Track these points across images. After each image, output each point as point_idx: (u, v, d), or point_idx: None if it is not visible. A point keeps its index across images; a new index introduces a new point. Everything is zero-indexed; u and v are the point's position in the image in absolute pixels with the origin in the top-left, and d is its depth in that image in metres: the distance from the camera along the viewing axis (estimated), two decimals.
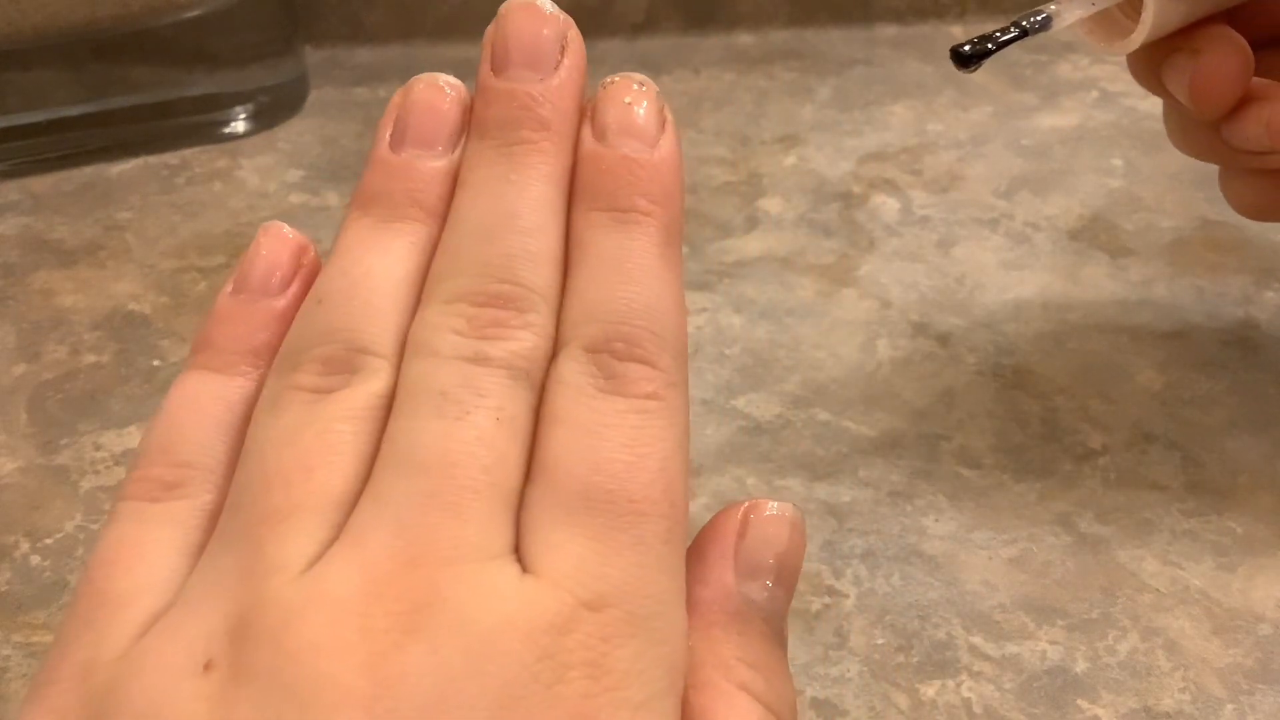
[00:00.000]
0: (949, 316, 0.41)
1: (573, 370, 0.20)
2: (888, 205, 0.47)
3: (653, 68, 0.58)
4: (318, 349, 0.21)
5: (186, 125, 0.52)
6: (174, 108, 0.51)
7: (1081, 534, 0.33)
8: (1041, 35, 0.29)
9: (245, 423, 0.21)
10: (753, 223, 0.46)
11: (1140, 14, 0.29)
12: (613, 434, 0.20)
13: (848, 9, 0.61)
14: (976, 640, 0.30)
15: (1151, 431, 0.36)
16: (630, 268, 0.21)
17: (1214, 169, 0.35)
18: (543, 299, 0.21)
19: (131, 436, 0.36)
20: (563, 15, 0.23)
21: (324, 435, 0.20)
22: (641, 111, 0.23)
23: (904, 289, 0.42)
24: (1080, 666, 0.29)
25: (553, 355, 0.21)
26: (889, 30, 0.61)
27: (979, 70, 0.29)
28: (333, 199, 0.48)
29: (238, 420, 0.22)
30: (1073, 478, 0.34)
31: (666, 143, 0.23)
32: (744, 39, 0.60)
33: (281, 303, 0.23)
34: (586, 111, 0.23)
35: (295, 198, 0.48)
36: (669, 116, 0.23)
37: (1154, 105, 0.54)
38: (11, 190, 0.49)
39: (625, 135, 0.22)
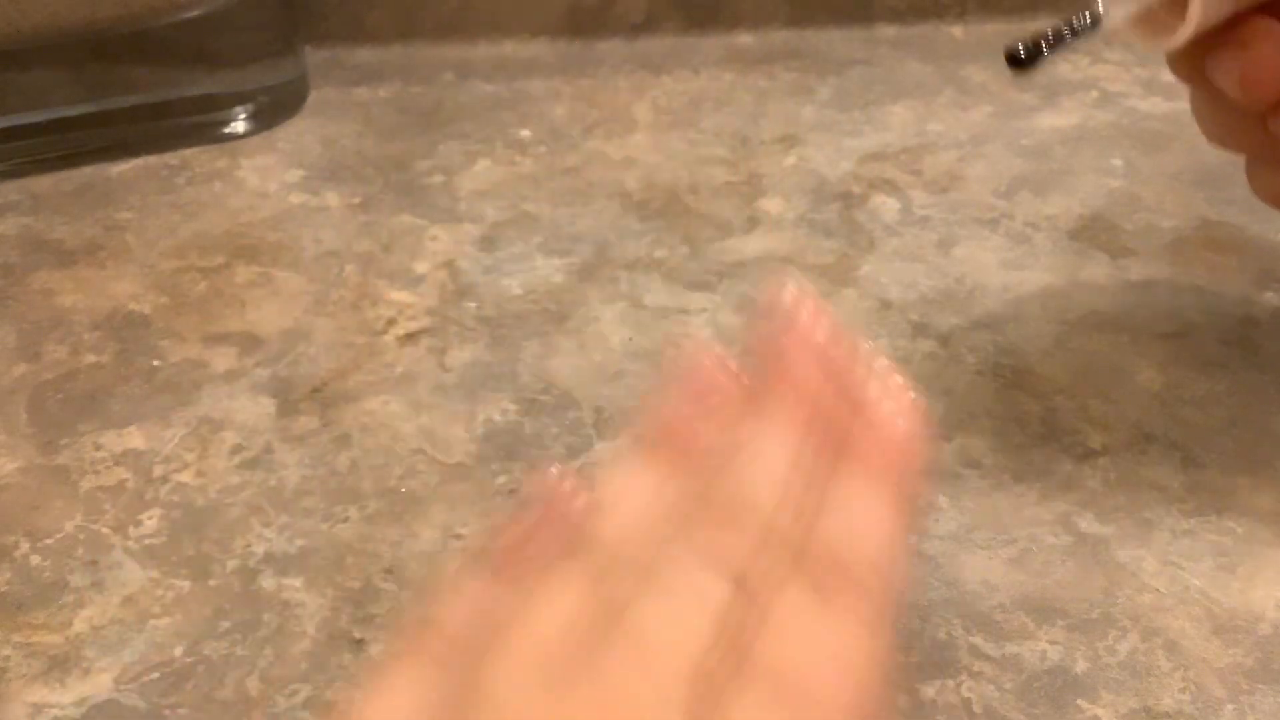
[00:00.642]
0: (949, 316, 0.41)
1: (794, 590, 0.23)
2: (888, 205, 0.47)
3: (653, 68, 0.58)
4: (585, 557, 0.24)
5: (186, 125, 0.52)
6: (174, 108, 0.51)
7: (1082, 534, 0.33)
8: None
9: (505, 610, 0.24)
10: (753, 223, 0.46)
11: (1184, 10, 0.29)
12: (823, 640, 0.23)
13: (848, 9, 0.61)
14: (976, 640, 0.30)
15: (1151, 431, 0.36)
16: (869, 516, 0.24)
17: (1213, 169, 0.35)
18: (780, 534, 0.24)
19: (131, 436, 0.36)
20: (841, 323, 0.27)
21: (576, 625, 0.23)
22: (898, 396, 0.26)
23: (904, 289, 0.42)
24: (1080, 666, 0.29)
25: (783, 581, 0.24)
26: (889, 30, 0.61)
27: (980, 70, 0.29)
28: (332, 199, 0.48)
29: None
30: (1073, 478, 0.34)
31: (915, 423, 0.26)
32: (744, 39, 0.60)
33: (563, 520, 0.26)
34: (853, 393, 0.27)
35: (295, 198, 0.48)
36: (919, 407, 0.27)
37: (1153, 105, 0.54)
38: (11, 190, 0.49)
39: (880, 414, 0.26)
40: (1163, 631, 0.30)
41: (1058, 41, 0.28)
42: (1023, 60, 0.28)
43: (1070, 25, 0.29)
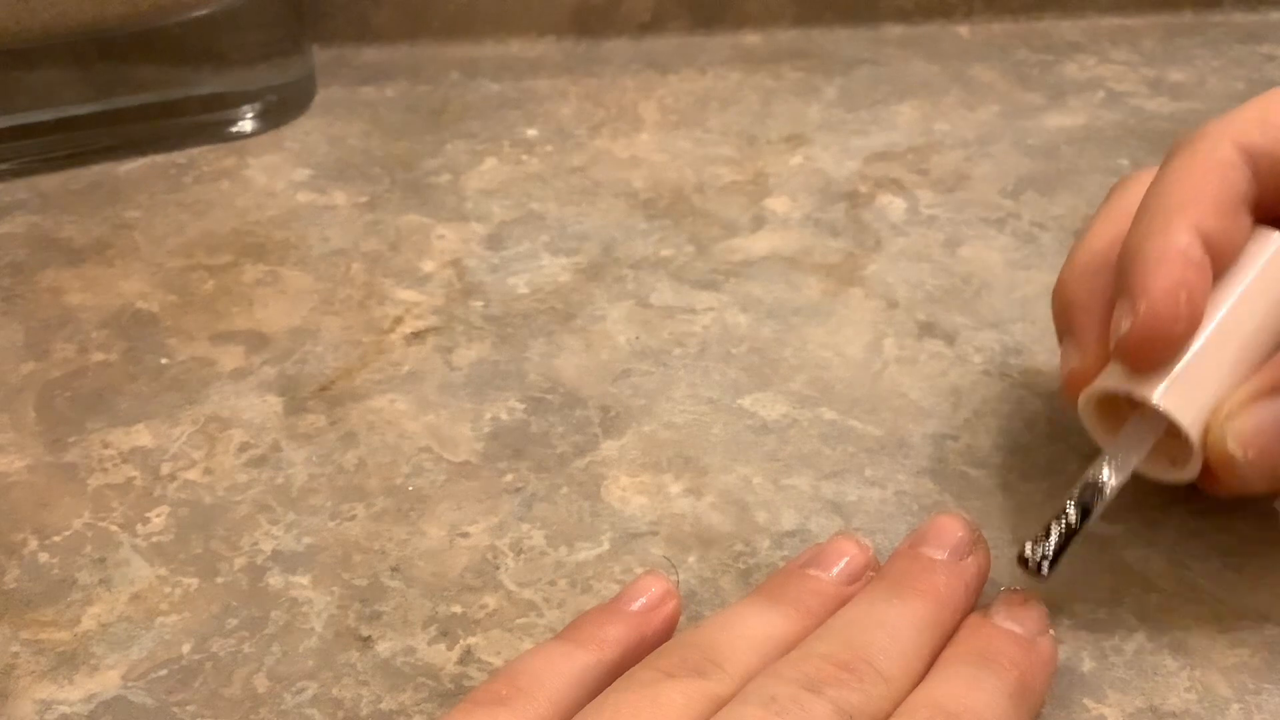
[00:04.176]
0: (955, 316, 0.41)
1: None
2: (894, 205, 0.47)
3: (659, 67, 0.58)
4: (681, 651, 0.26)
5: (194, 124, 0.52)
6: (181, 107, 0.51)
7: (1088, 533, 0.33)
8: (1050, 38, 0.29)
9: (583, 674, 0.26)
10: (759, 222, 0.46)
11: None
12: None
13: (854, 9, 0.61)
14: None
15: None
16: (978, 689, 0.25)
17: None
18: (886, 685, 0.25)
19: (139, 434, 0.37)
20: (979, 532, 0.30)
21: (658, 698, 0.25)
22: (1031, 609, 0.28)
23: (910, 288, 0.42)
24: (1087, 665, 0.29)
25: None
26: (895, 30, 0.61)
27: (987, 70, 0.29)
28: (340, 198, 0.48)
29: (578, 673, 0.26)
30: (1079, 477, 0.34)
31: (1046, 640, 0.28)
32: (751, 38, 0.60)
33: (640, 615, 0.28)
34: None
35: (302, 196, 0.48)
36: (1053, 631, 0.28)
37: (1160, 105, 0.54)
38: (19, 189, 0.49)
39: (1009, 619, 0.28)
40: (1169, 631, 0.30)
41: (1075, 533, 0.28)
42: (1045, 568, 0.28)
43: (1081, 507, 0.29)
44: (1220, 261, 0.30)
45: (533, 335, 0.40)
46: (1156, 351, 0.29)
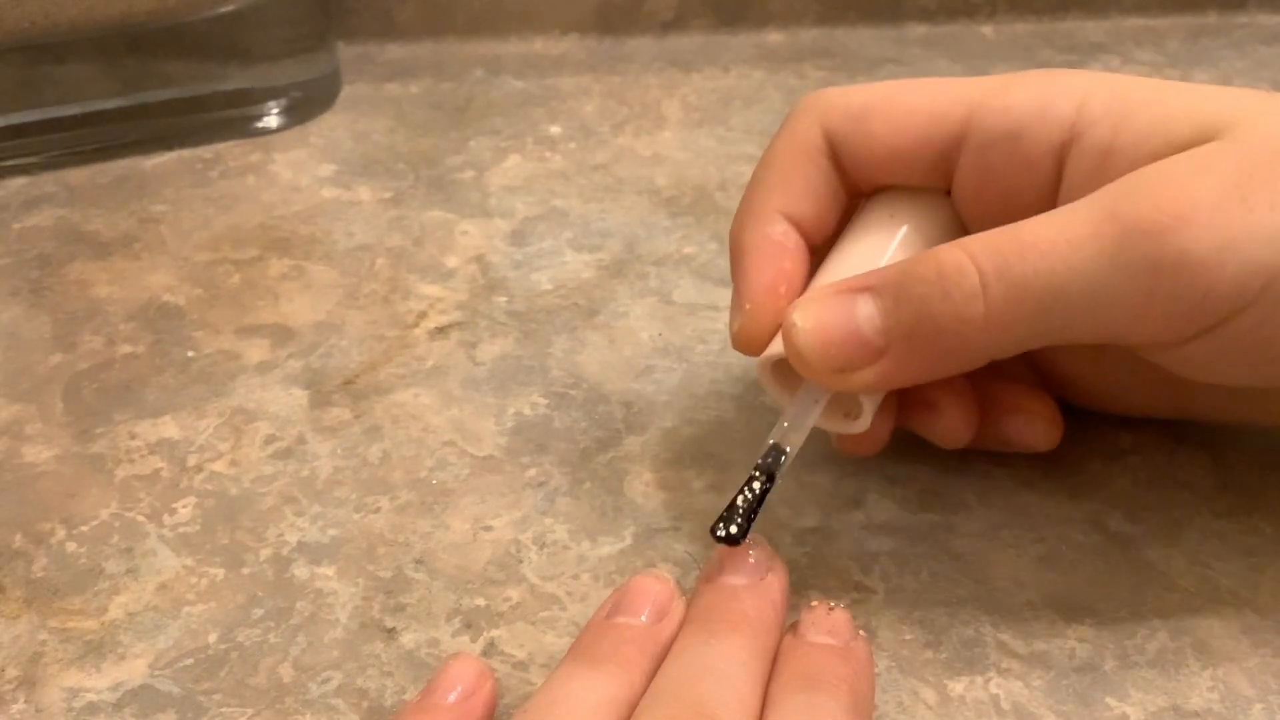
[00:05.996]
0: None
1: None
2: None
3: (683, 65, 0.58)
4: None
5: (220, 120, 0.52)
6: (208, 102, 0.52)
7: (1111, 533, 0.33)
8: (1074, 38, 0.29)
9: None
10: None
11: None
12: None
13: (878, 8, 0.61)
14: (1005, 637, 0.30)
15: (1181, 431, 0.36)
16: (817, 715, 0.25)
17: None
18: None
19: (166, 426, 0.37)
20: (770, 551, 0.29)
21: None
22: (837, 617, 0.28)
23: None
24: (1109, 664, 0.29)
25: None
26: (919, 29, 0.61)
27: (1011, 70, 0.29)
28: (364, 194, 0.48)
29: None
30: (1102, 477, 0.34)
31: (860, 643, 0.27)
32: (774, 37, 0.60)
33: (458, 707, 0.27)
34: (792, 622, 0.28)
35: (327, 192, 0.49)
36: (863, 633, 0.28)
37: None
38: (47, 182, 0.49)
39: (820, 632, 0.28)
40: (1192, 630, 0.30)
41: (761, 500, 0.29)
42: (738, 538, 0.29)
43: (767, 473, 0.29)
44: (818, 237, 0.32)
45: (556, 331, 0.41)
46: (768, 340, 0.31)
